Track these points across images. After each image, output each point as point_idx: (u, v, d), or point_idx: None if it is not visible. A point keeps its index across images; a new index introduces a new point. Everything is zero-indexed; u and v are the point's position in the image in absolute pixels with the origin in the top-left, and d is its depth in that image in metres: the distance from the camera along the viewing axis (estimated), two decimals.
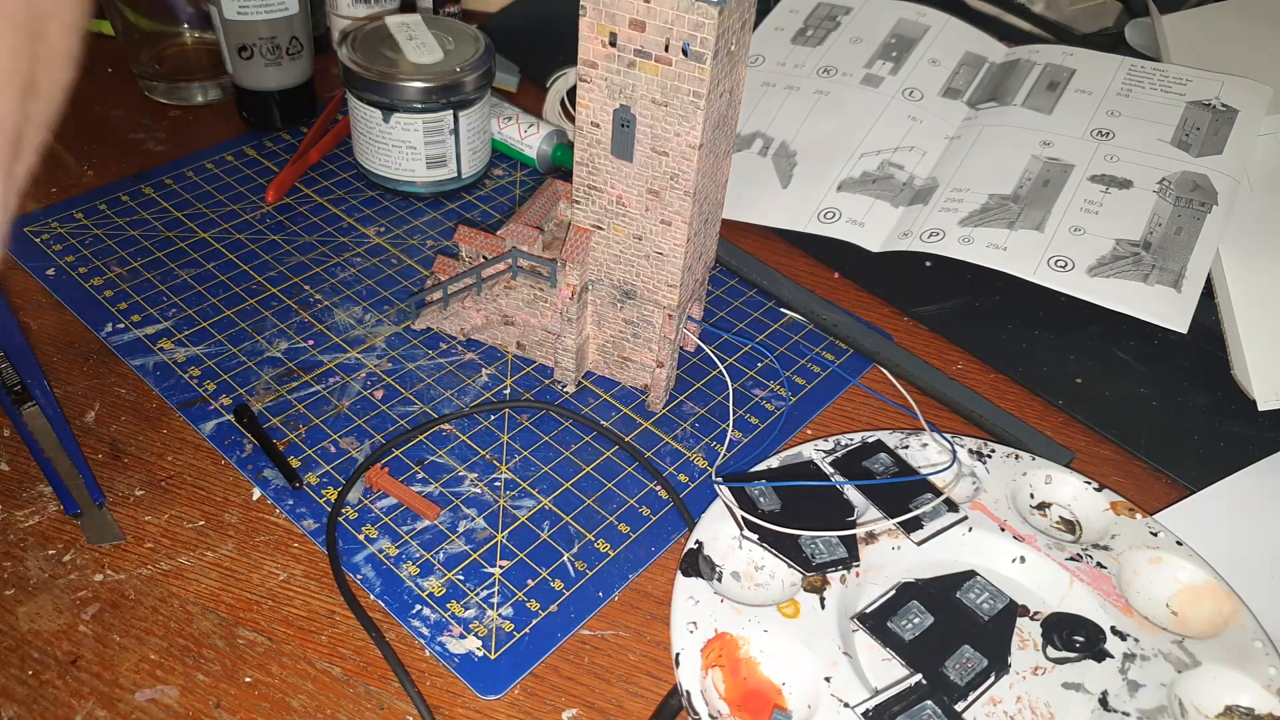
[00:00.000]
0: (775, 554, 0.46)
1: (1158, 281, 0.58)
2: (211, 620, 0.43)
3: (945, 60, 0.74)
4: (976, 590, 0.45)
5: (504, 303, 0.55)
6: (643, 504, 0.50)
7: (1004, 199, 0.63)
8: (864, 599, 0.45)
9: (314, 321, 0.58)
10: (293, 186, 0.69)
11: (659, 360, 0.54)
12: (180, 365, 0.55)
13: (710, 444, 0.54)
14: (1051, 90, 0.70)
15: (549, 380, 0.56)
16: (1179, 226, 0.60)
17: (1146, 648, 0.43)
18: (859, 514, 0.48)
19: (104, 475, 0.49)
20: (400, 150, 0.65)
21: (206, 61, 0.77)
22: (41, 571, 0.44)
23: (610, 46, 0.44)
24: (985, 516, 0.48)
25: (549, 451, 0.52)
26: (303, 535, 0.47)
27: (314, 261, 0.63)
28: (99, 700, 0.40)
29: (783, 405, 0.56)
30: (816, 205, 0.66)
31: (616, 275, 0.52)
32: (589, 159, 0.49)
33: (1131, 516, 0.49)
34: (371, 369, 0.56)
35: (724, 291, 0.64)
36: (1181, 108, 0.67)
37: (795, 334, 0.61)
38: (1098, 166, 0.64)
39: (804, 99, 0.72)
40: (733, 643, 0.42)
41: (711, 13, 0.41)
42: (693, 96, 0.44)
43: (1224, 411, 0.57)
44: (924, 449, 0.52)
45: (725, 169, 0.52)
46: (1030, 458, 0.52)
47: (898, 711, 0.40)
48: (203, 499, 0.48)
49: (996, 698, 0.42)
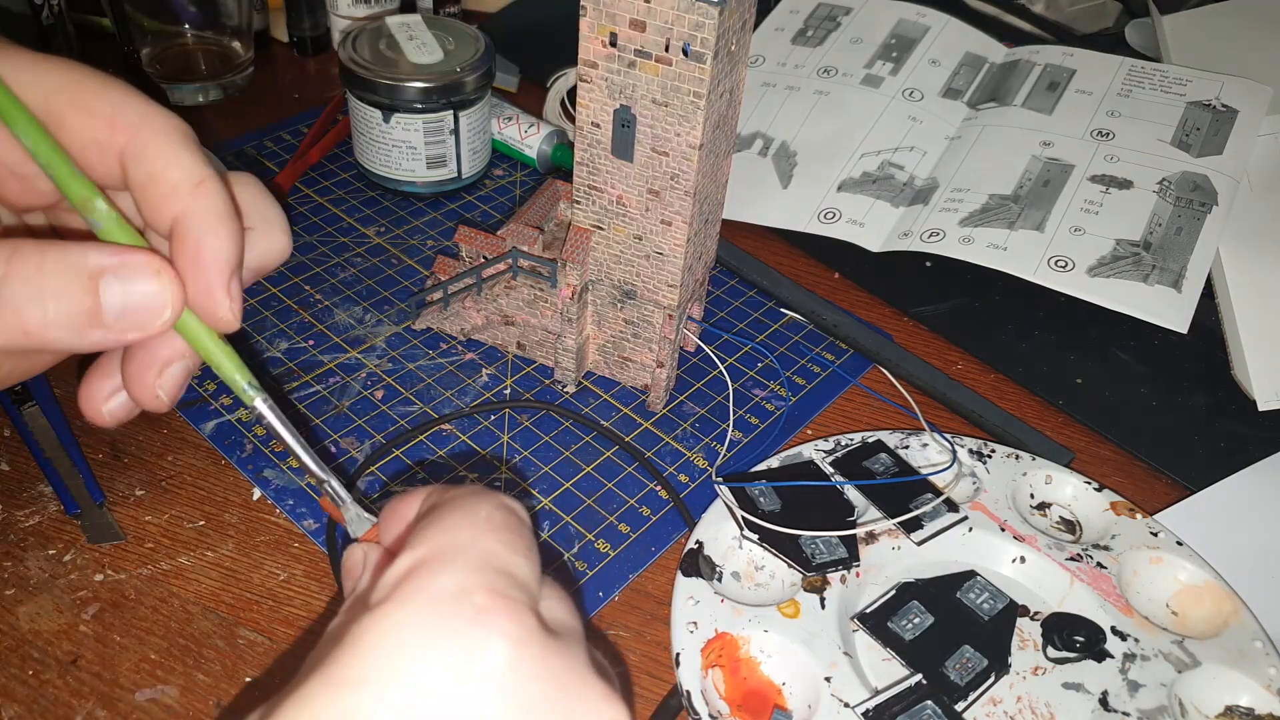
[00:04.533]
0: (775, 554, 0.46)
1: (1158, 281, 0.58)
2: (211, 620, 0.43)
3: (945, 61, 0.74)
4: (976, 590, 0.45)
5: (504, 303, 0.55)
6: (643, 504, 0.50)
7: (1004, 199, 0.63)
8: (864, 599, 0.45)
9: (314, 321, 0.58)
10: (293, 186, 0.69)
11: (659, 360, 0.54)
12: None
13: (710, 444, 0.54)
14: (1052, 90, 0.70)
15: (549, 380, 0.56)
16: (1179, 227, 0.60)
17: (1146, 648, 0.43)
18: (859, 514, 0.48)
19: (104, 475, 0.49)
20: (400, 150, 0.65)
21: (206, 61, 0.77)
22: (42, 571, 0.44)
23: (610, 46, 0.44)
24: (985, 516, 0.48)
25: (549, 451, 0.52)
26: (303, 535, 0.47)
27: (314, 261, 0.63)
28: (99, 700, 0.40)
29: (783, 405, 0.56)
30: (816, 205, 0.66)
31: (616, 275, 0.52)
32: (589, 159, 0.49)
33: (1131, 516, 0.49)
34: (372, 369, 0.56)
35: (724, 291, 0.64)
36: (1181, 108, 0.67)
37: (795, 334, 0.61)
38: (1098, 167, 0.64)
39: (804, 99, 0.72)
40: (733, 643, 0.42)
41: (711, 13, 0.41)
42: (693, 96, 0.44)
43: (1224, 411, 0.57)
44: (924, 449, 0.52)
45: (725, 169, 0.52)
46: (1030, 458, 0.52)
47: (898, 711, 0.40)
48: (203, 499, 0.48)
49: (996, 698, 0.42)
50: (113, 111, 0.25)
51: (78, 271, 0.24)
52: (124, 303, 0.24)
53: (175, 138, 0.26)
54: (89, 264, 0.24)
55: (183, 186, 0.25)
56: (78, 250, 0.24)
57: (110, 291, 0.24)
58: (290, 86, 0.80)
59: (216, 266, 0.25)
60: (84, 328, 0.24)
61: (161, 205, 0.25)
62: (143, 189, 0.25)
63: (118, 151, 0.25)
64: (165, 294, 0.25)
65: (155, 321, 0.25)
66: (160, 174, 0.25)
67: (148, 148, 0.25)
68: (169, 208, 0.25)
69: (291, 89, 0.80)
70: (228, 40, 0.77)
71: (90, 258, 0.24)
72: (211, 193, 0.25)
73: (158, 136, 0.25)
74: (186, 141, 0.26)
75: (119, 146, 0.25)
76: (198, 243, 0.25)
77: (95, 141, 0.25)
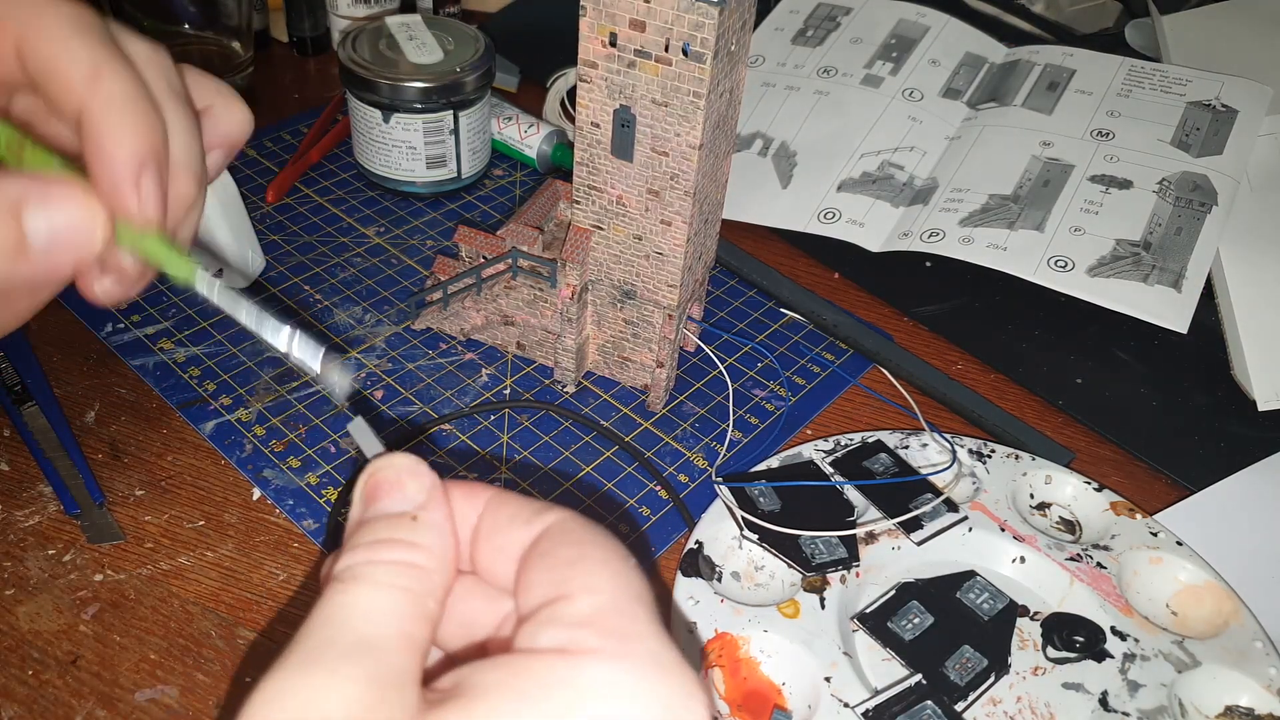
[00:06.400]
0: (775, 554, 0.46)
1: (1158, 281, 0.58)
2: (211, 620, 0.43)
3: (945, 61, 0.74)
4: (976, 590, 0.45)
5: (504, 303, 0.55)
6: (643, 504, 0.50)
7: (1004, 199, 0.63)
8: (864, 599, 0.45)
9: (314, 321, 0.58)
10: (293, 186, 0.69)
11: (659, 360, 0.54)
12: (180, 365, 0.55)
13: (710, 444, 0.54)
14: (1051, 91, 0.70)
15: (549, 380, 0.56)
16: (1179, 226, 0.60)
17: (1146, 648, 0.43)
18: (859, 514, 0.48)
19: (104, 475, 0.49)
20: (400, 150, 0.65)
21: (206, 61, 0.77)
22: (41, 571, 0.44)
23: (610, 46, 0.44)
24: (985, 516, 0.48)
25: (549, 452, 0.52)
26: (303, 535, 0.47)
27: (314, 261, 0.63)
28: (99, 700, 0.40)
29: (783, 405, 0.56)
30: (816, 205, 0.66)
31: (616, 275, 0.52)
32: (589, 159, 0.49)
33: (1131, 516, 0.49)
34: (371, 369, 0.56)
35: (724, 291, 0.64)
36: (1181, 108, 0.67)
37: (795, 334, 0.61)
38: (1098, 167, 0.64)
39: (804, 99, 0.72)
40: (733, 643, 0.42)
41: (711, 13, 0.41)
42: (693, 96, 0.44)
43: (1224, 411, 0.57)
44: (924, 449, 0.52)
45: (725, 169, 0.52)
46: (1030, 458, 0.52)
47: (898, 711, 0.40)
48: (203, 499, 0.48)
49: (996, 698, 0.42)
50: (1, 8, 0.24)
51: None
52: (50, 233, 0.23)
53: (68, 26, 0.24)
54: (7, 195, 0.22)
55: (77, 79, 0.23)
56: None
57: (35, 222, 0.22)
58: (290, 86, 0.80)
59: (121, 163, 0.23)
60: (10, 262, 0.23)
61: (62, 100, 0.24)
62: (42, 86, 0.24)
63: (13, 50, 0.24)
64: (91, 216, 0.23)
65: (87, 246, 0.23)
66: (54, 67, 0.23)
67: (39, 41, 0.24)
68: (69, 102, 0.24)
69: (291, 89, 0.80)
70: (228, 40, 0.77)
71: (7, 189, 0.22)
72: (109, 81, 0.23)
73: (49, 28, 0.24)
74: (80, 28, 0.24)
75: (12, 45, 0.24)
76: (98, 140, 0.23)
77: None
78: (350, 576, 0.22)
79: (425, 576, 0.23)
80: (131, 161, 0.24)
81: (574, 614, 0.22)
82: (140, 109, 0.24)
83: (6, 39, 0.24)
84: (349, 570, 0.22)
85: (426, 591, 0.22)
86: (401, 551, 0.23)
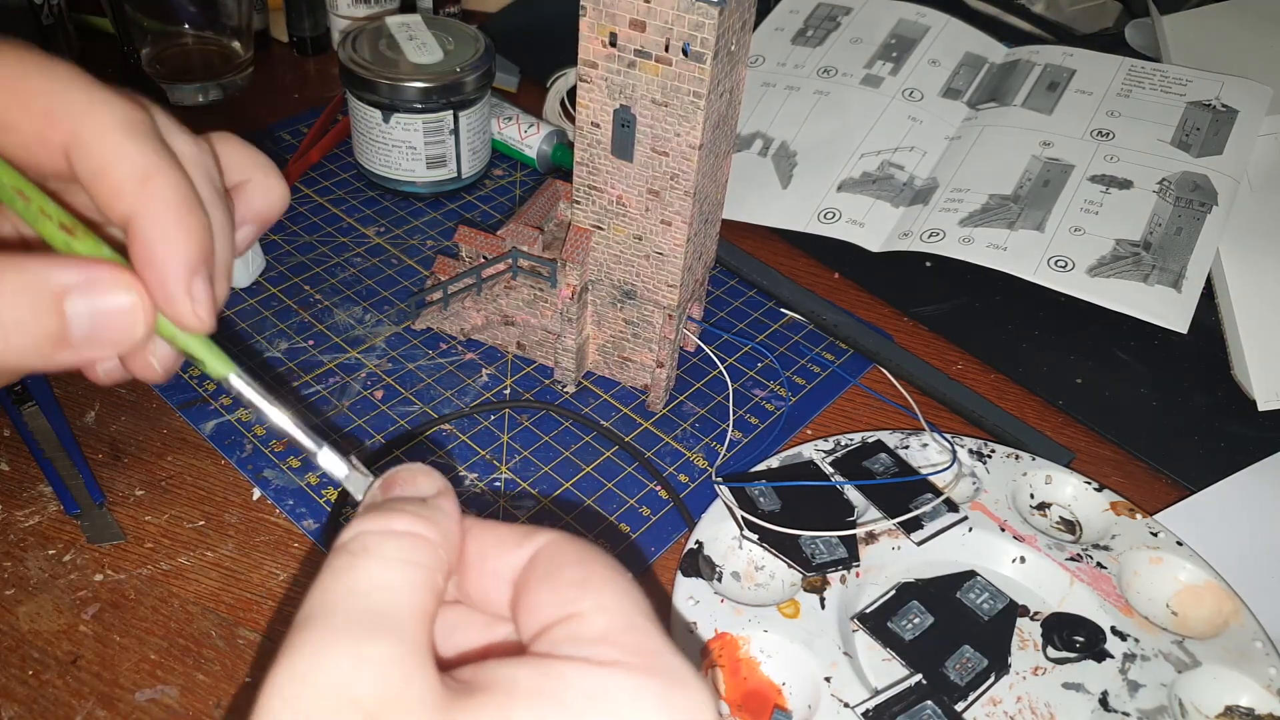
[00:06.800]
0: (775, 554, 0.46)
1: (1158, 281, 0.58)
2: (211, 620, 0.43)
3: (945, 61, 0.74)
4: (976, 590, 0.45)
5: (504, 303, 0.55)
6: (643, 504, 0.50)
7: (1004, 199, 0.63)
8: (864, 599, 0.45)
9: (314, 321, 0.58)
10: (293, 187, 0.69)
11: (659, 360, 0.54)
12: (180, 365, 0.55)
13: (710, 444, 0.54)
14: (1051, 91, 0.70)
15: (549, 380, 0.56)
16: (1179, 227, 0.60)
17: (1146, 648, 0.43)
18: (859, 514, 0.48)
19: (104, 475, 0.49)
20: (400, 150, 0.65)
21: (206, 61, 0.77)
22: (41, 571, 0.44)
23: (610, 46, 0.44)
24: (985, 516, 0.48)
25: (549, 452, 0.52)
26: (302, 535, 0.47)
27: (314, 261, 0.63)
28: (99, 700, 0.40)
29: (783, 405, 0.56)
30: (816, 205, 0.66)
31: (616, 275, 0.52)
32: (589, 159, 0.49)
33: (1131, 516, 0.49)
34: (371, 369, 0.56)
35: (724, 291, 0.64)
36: (1181, 108, 0.67)
37: (795, 334, 0.61)
38: (1098, 167, 0.64)
39: (804, 99, 0.72)
40: (733, 643, 0.42)
41: (711, 13, 0.41)
42: (693, 96, 0.44)
43: (1224, 411, 0.57)
44: (924, 449, 0.52)
45: (725, 169, 0.52)
46: (1030, 458, 0.52)
47: (898, 711, 0.40)
48: (203, 499, 0.48)
49: (996, 698, 0.42)
50: (49, 105, 0.23)
51: (39, 292, 0.22)
52: (92, 322, 0.23)
53: (119, 128, 0.23)
54: (52, 283, 0.22)
55: (128, 183, 0.23)
56: (37, 267, 0.22)
57: (77, 311, 0.22)
58: (290, 86, 0.80)
59: (174, 269, 0.23)
60: (50, 351, 0.22)
61: (111, 203, 0.23)
62: (91, 187, 0.24)
63: (61, 147, 0.23)
64: (137, 309, 0.23)
65: (127, 339, 0.23)
66: (104, 170, 0.23)
67: (90, 142, 0.23)
68: (118, 206, 0.23)
69: (291, 89, 0.80)
70: (227, 40, 0.77)
71: (53, 276, 0.22)
72: (161, 187, 0.23)
73: (100, 128, 0.23)
74: (132, 130, 0.24)
75: (61, 142, 0.23)
76: (150, 245, 0.23)
77: (39, 138, 0.23)
78: (361, 548, 0.22)
79: (433, 550, 0.23)
80: (184, 267, 0.23)
81: (590, 631, 0.22)
82: (192, 214, 0.24)
83: (56, 136, 0.23)
84: (358, 539, 0.23)
85: (435, 565, 0.23)
86: (411, 522, 0.23)
